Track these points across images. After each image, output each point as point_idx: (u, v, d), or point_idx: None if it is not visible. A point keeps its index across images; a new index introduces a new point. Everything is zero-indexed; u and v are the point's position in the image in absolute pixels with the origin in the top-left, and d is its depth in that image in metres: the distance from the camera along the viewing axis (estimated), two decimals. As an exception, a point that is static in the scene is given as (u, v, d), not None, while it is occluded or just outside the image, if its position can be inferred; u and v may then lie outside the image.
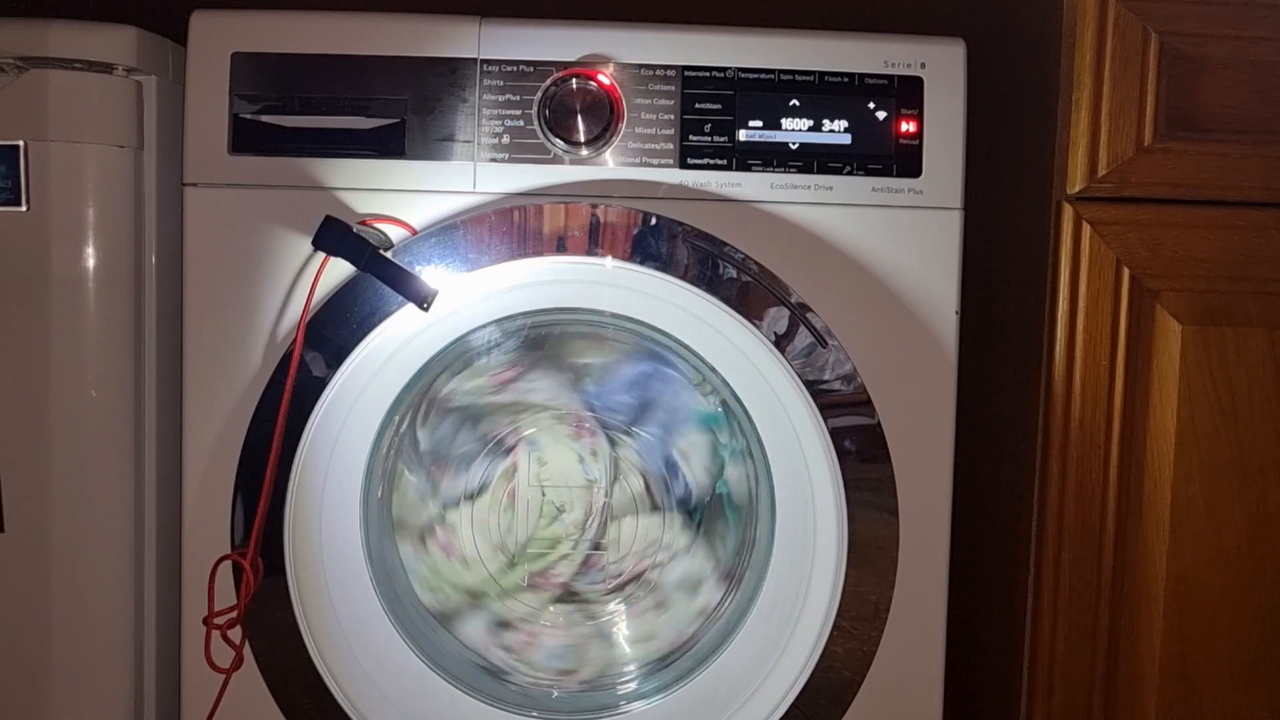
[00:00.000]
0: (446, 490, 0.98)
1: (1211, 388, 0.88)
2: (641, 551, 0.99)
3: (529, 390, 0.98)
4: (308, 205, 0.85)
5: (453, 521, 0.98)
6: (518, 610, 0.99)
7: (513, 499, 0.99)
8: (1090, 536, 0.89)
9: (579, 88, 0.84)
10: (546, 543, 0.99)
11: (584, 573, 1.00)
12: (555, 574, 1.00)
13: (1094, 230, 0.87)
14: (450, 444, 0.98)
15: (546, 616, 1.00)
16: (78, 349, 0.84)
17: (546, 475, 0.99)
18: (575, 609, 1.00)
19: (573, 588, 1.00)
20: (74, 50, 0.82)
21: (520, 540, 0.99)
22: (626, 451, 0.99)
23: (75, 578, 0.85)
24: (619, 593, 1.00)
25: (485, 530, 0.99)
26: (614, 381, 0.98)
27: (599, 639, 1.00)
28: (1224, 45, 0.87)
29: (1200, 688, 0.90)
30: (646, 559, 0.99)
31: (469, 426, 0.98)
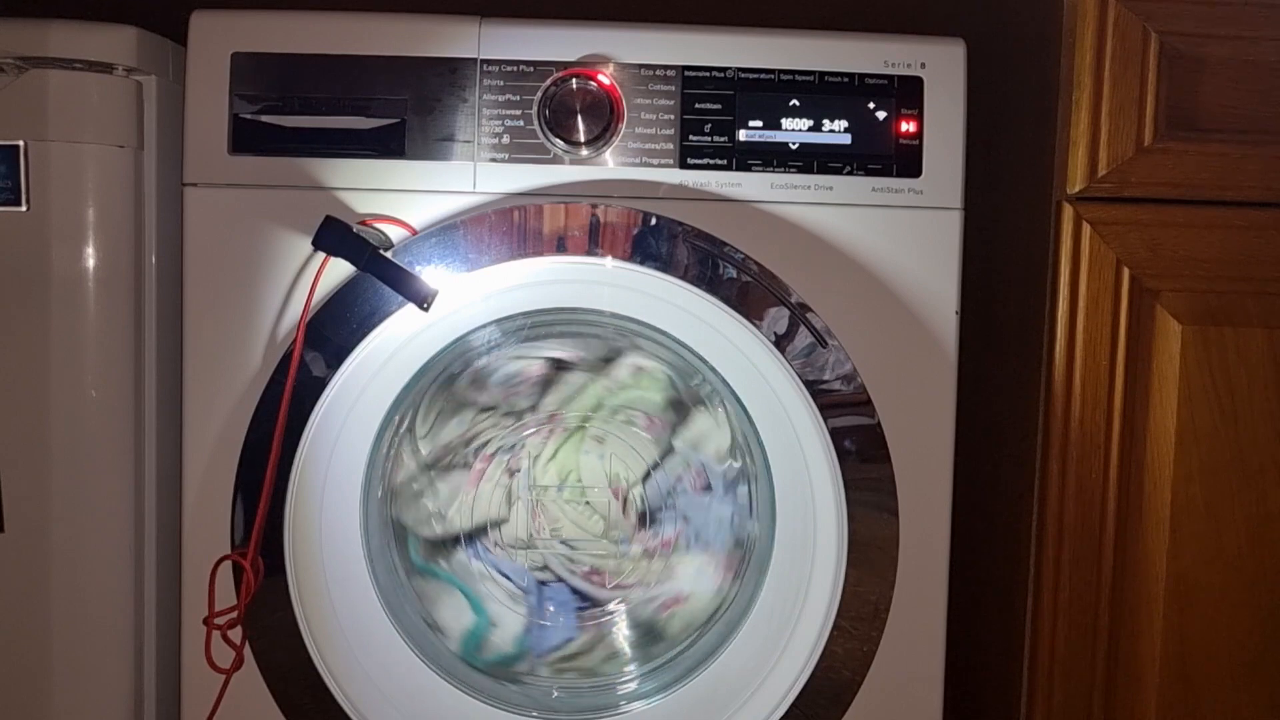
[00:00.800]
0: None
1: (1211, 388, 0.88)
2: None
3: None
4: (308, 205, 0.85)
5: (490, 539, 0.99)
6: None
7: (538, 515, 0.99)
8: (1090, 536, 0.89)
9: (579, 88, 0.84)
10: (596, 541, 1.00)
11: (641, 536, 1.00)
12: (624, 577, 1.00)
13: (1094, 230, 0.87)
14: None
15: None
16: (78, 349, 0.84)
17: (554, 477, 0.99)
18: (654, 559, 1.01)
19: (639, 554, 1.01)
20: (74, 50, 0.82)
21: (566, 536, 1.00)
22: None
23: (75, 578, 0.85)
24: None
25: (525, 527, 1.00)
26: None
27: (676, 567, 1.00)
28: (1224, 45, 0.87)
29: (1200, 688, 0.90)
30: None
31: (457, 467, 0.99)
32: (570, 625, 1.00)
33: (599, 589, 1.01)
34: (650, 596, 1.00)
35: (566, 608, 1.01)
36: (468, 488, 0.99)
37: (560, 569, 1.01)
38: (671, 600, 1.00)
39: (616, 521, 1.00)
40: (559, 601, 1.01)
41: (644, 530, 1.00)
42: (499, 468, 0.99)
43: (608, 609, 1.01)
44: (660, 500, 1.00)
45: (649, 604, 1.00)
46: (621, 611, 1.01)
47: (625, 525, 1.00)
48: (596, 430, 0.99)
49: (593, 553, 1.00)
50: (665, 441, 1.00)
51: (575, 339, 0.97)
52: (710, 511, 1.00)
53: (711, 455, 0.99)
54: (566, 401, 0.98)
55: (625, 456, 0.99)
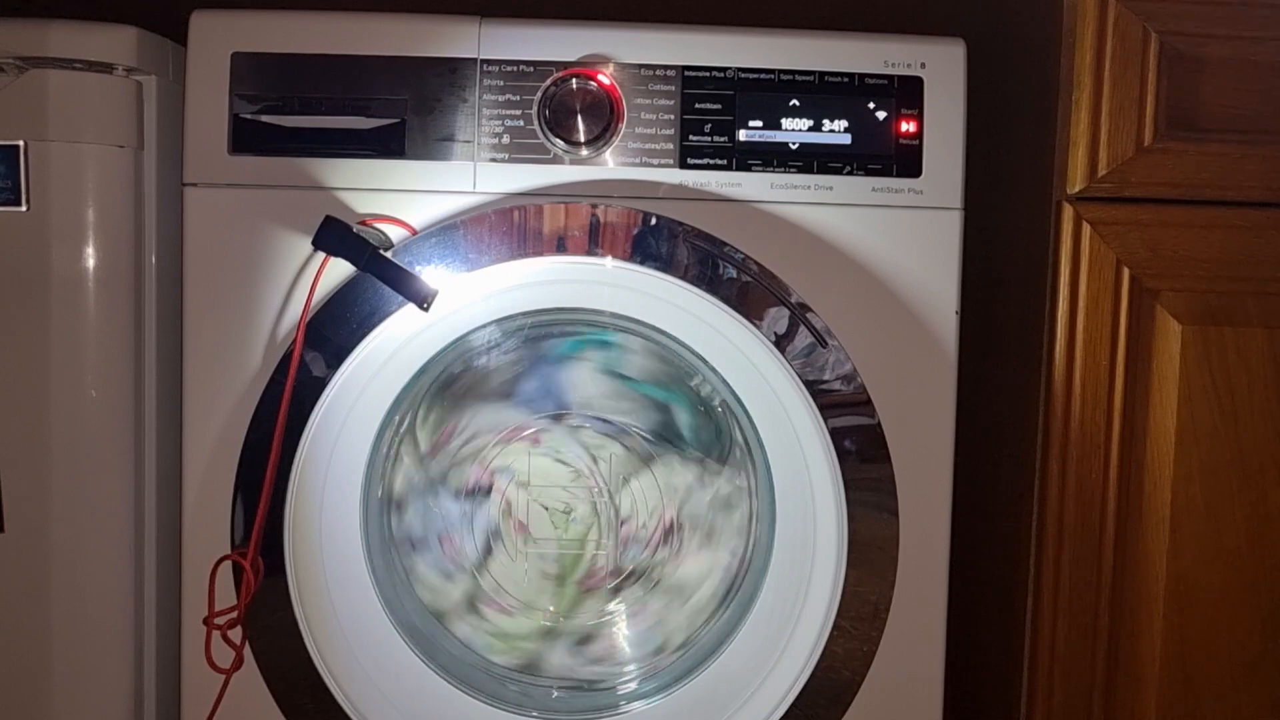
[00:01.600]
0: (461, 559, 0.99)
1: (1211, 388, 0.88)
2: (665, 498, 0.99)
3: (471, 428, 0.98)
4: (308, 205, 0.85)
5: (489, 587, 0.99)
6: (590, 621, 0.99)
7: (519, 531, 0.99)
8: (1090, 536, 0.89)
9: (579, 88, 0.84)
10: (575, 544, 0.99)
11: (625, 549, 1.00)
12: (599, 569, 1.00)
13: (1094, 230, 0.88)
14: (436, 520, 0.98)
15: (618, 611, 1.00)
16: (78, 349, 0.84)
17: (536, 491, 0.99)
18: (638, 587, 1.00)
19: (622, 568, 1.00)
20: (74, 50, 0.82)
21: (554, 558, 0.99)
22: (588, 434, 0.99)
23: (75, 578, 0.85)
24: (666, 544, 0.99)
25: (518, 575, 0.99)
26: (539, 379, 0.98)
27: (674, 599, 0.99)
28: (1224, 45, 0.87)
29: (1200, 688, 0.90)
30: (672, 506, 0.99)
31: (439, 494, 0.98)
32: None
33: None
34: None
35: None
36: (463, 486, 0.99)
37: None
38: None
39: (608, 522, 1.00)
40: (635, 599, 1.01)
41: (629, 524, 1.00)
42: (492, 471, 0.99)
43: (608, 608, 1.01)
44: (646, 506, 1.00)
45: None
46: (621, 611, 1.01)
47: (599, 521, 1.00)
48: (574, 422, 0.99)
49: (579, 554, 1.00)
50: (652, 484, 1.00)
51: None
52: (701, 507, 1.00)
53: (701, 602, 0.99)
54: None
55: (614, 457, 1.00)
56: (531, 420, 0.98)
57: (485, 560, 0.99)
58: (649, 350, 0.97)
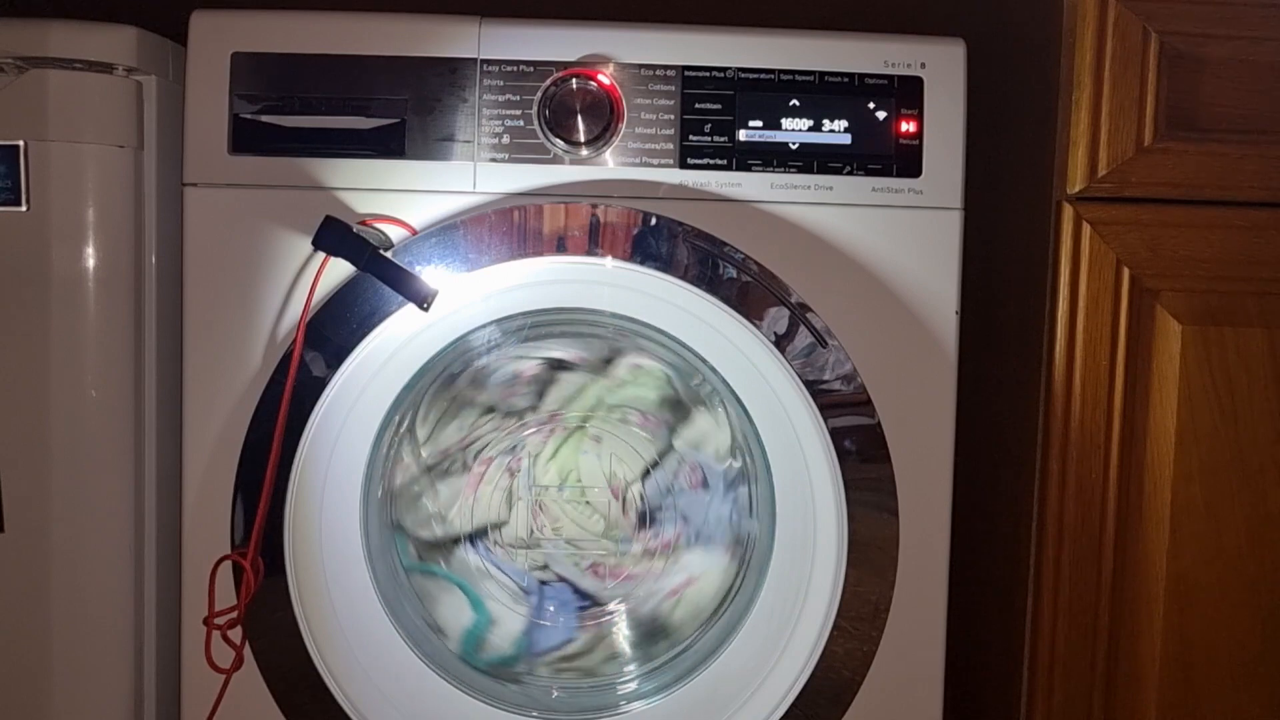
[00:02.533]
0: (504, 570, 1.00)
1: (1211, 388, 0.88)
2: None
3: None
4: (308, 205, 0.85)
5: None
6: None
7: (536, 518, 0.99)
8: (1090, 536, 0.89)
9: (579, 88, 0.84)
10: (597, 540, 1.00)
11: (641, 535, 1.00)
12: (621, 569, 1.01)
13: (1094, 230, 0.87)
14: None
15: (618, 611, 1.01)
16: (78, 349, 0.84)
17: (554, 477, 0.99)
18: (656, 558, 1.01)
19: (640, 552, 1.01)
20: (74, 50, 0.82)
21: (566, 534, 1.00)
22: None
23: (75, 578, 0.85)
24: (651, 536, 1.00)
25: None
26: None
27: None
28: (1224, 45, 0.87)
29: (1200, 688, 0.90)
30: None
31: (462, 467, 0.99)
32: (570, 625, 1.00)
33: (601, 588, 1.01)
34: (653, 591, 1.00)
35: (567, 608, 1.01)
36: (467, 491, 0.99)
37: (562, 568, 1.01)
38: (679, 586, 0.99)
39: (616, 520, 1.00)
40: (560, 601, 1.01)
41: (644, 530, 1.00)
42: (499, 470, 0.99)
43: (608, 609, 1.01)
44: (659, 499, 1.00)
45: (651, 598, 1.00)
46: (622, 611, 1.01)
47: (625, 525, 1.00)
48: (596, 430, 0.99)
49: (594, 551, 1.00)
50: (664, 440, 1.00)
51: (576, 339, 0.97)
52: (709, 509, 1.00)
53: (711, 455, 0.99)
54: (567, 401, 0.99)
55: (624, 455, 0.99)
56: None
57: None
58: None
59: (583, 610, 1.01)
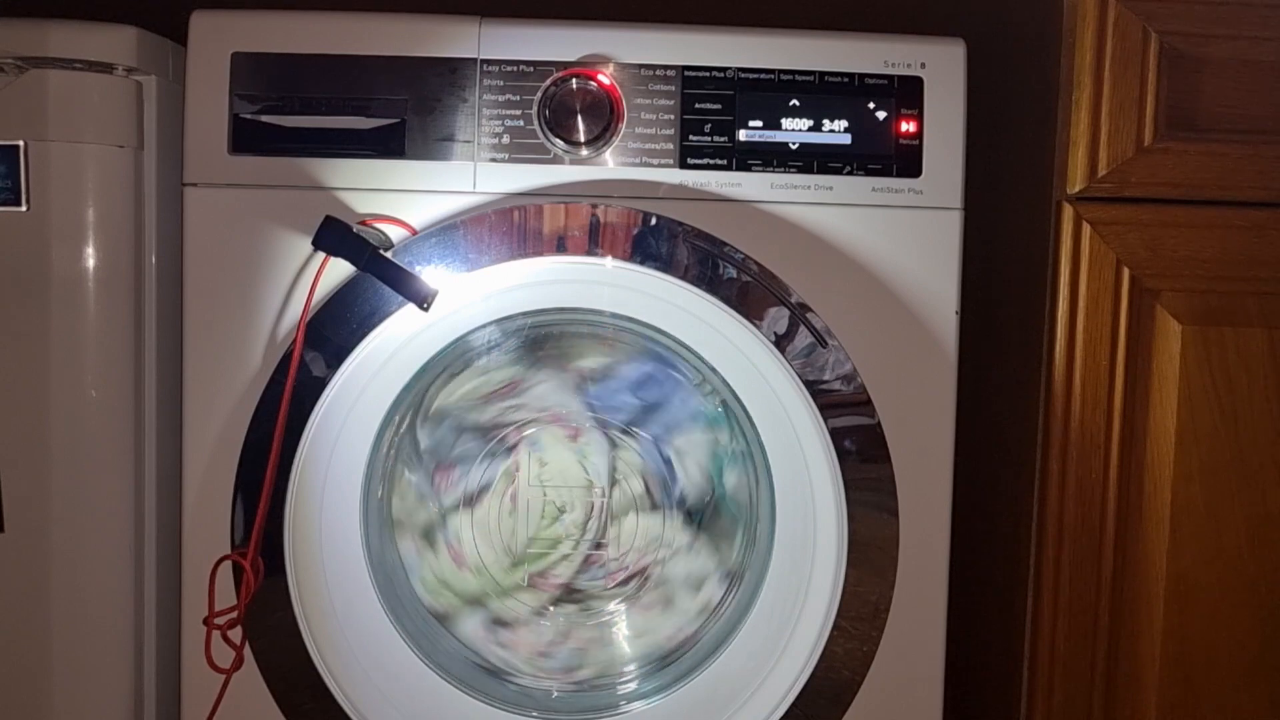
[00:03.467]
0: (448, 492, 0.98)
1: (1211, 388, 0.88)
2: (643, 549, 0.99)
3: (530, 391, 0.98)
4: (308, 205, 0.85)
5: (455, 527, 0.98)
6: (516, 610, 0.99)
7: (514, 501, 0.99)
8: (1090, 536, 0.89)
9: (579, 88, 0.84)
10: (547, 543, 0.99)
11: (585, 570, 1.00)
12: (555, 575, 1.00)
13: (1094, 230, 0.88)
14: (451, 445, 0.98)
15: (548, 617, 1.00)
16: (78, 349, 0.84)
17: (547, 476, 0.99)
18: (577, 609, 1.00)
19: (574, 586, 1.00)
20: (74, 50, 0.82)
21: (523, 541, 0.99)
22: (627, 453, 0.99)
23: (75, 578, 0.85)
24: (622, 588, 1.00)
25: (488, 532, 0.99)
26: (616, 382, 0.98)
27: (600, 640, 1.00)
28: (1224, 45, 0.87)
29: (1200, 688, 0.90)
30: (648, 556, 0.99)
31: (470, 427, 0.98)
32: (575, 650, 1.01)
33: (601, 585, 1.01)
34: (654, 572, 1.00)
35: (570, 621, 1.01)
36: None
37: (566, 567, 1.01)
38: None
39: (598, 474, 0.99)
40: (567, 617, 1.01)
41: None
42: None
43: (609, 607, 1.01)
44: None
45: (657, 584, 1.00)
46: (622, 611, 1.01)
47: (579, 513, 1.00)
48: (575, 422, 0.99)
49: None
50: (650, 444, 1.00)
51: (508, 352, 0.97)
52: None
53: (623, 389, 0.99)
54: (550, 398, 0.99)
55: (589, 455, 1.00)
56: (582, 414, 0.98)
57: (464, 505, 0.99)
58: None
59: (585, 616, 1.01)
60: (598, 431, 0.99)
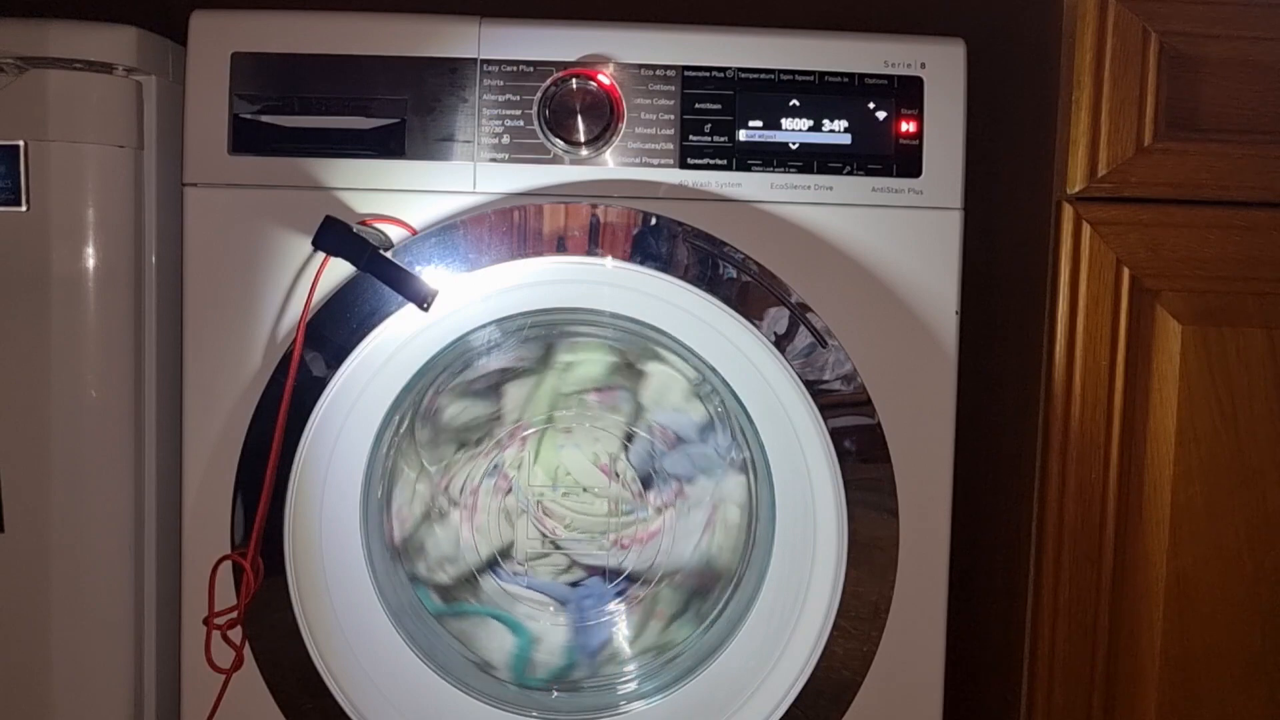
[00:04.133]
0: (448, 492, 0.99)
1: (1211, 388, 0.88)
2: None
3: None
4: (308, 205, 0.85)
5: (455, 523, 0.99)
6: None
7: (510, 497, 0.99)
8: (1090, 536, 0.89)
9: (579, 88, 0.84)
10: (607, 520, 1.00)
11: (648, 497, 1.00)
12: (644, 531, 1.00)
13: (1094, 230, 0.87)
14: (450, 444, 0.99)
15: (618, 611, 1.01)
16: (78, 349, 0.84)
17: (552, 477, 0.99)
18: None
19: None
20: (74, 50, 0.82)
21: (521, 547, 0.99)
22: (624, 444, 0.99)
23: (75, 578, 0.85)
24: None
25: (486, 531, 0.99)
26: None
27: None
28: (1224, 45, 0.87)
29: (1200, 687, 0.90)
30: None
31: (469, 426, 0.99)
32: (612, 613, 1.00)
33: (632, 558, 1.00)
34: (687, 531, 0.99)
35: (605, 597, 1.00)
36: (464, 527, 0.99)
37: (589, 559, 1.00)
38: (709, 515, 0.99)
39: (618, 495, 0.99)
40: (596, 595, 1.00)
41: (649, 491, 1.00)
42: (489, 495, 0.99)
43: (645, 581, 1.00)
44: (649, 461, 0.99)
45: (689, 537, 0.99)
46: (622, 611, 1.01)
47: (628, 494, 0.99)
48: (563, 423, 0.99)
49: (612, 528, 0.99)
50: (631, 405, 0.99)
51: (513, 348, 0.97)
52: (695, 453, 0.99)
53: (673, 406, 0.98)
54: (525, 405, 0.98)
55: (598, 435, 0.99)
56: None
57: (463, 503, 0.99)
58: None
59: (621, 594, 1.00)
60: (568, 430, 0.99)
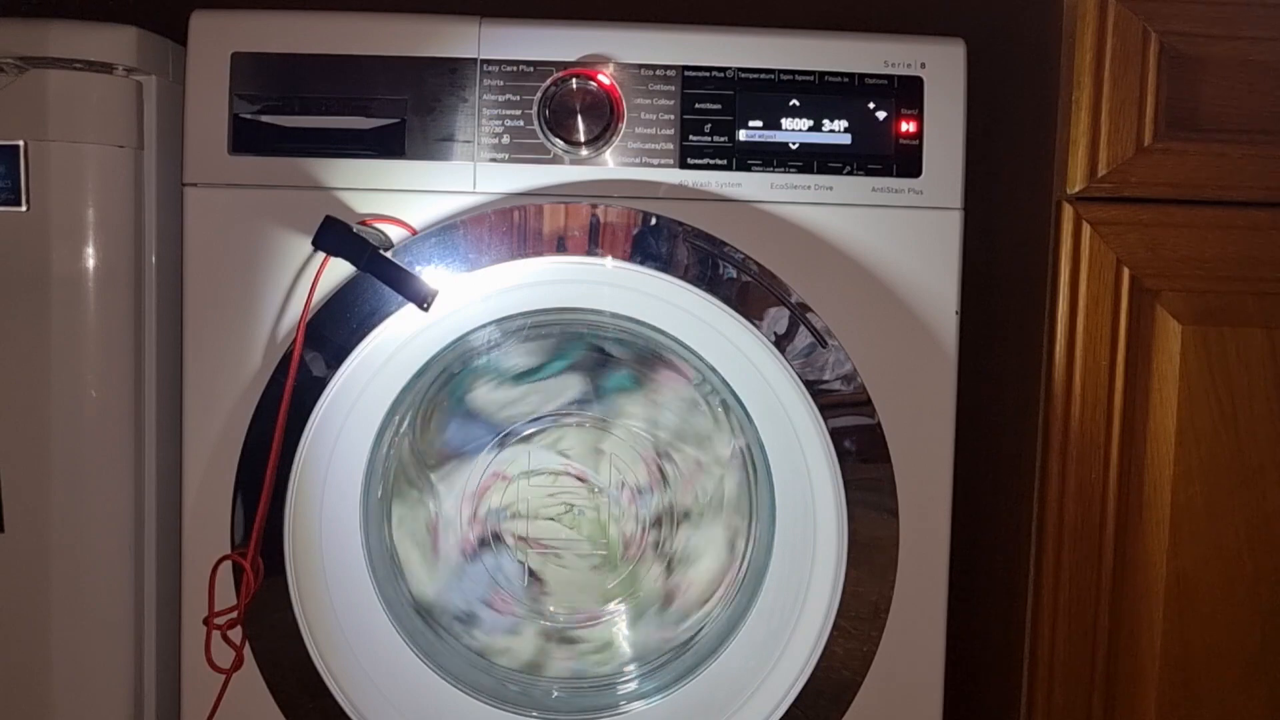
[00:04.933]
0: (447, 491, 0.99)
1: (1211, 388, 0.88)
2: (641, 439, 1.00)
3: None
4: (308, 205, 0.85)
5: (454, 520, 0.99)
6: (657, 583, 1.00)
7: (540, 546, 0.99)
8: (1090, 536, 0.89)
9: (579, 88, 0.84)
10: (598, 530, 0.99)
11: (639, 502, 1.00)
12: (631, 536, 0.99)
13: (1094, 230, 0.88)
14: (449, 443, 0.99)
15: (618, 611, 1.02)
16: (78, 349, 0.84)
17: (534, 511, 0.99)
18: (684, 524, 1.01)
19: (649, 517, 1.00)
20: (74, 50, 0.82)
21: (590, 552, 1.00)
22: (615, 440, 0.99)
23: (75, 578, 0.85)
24: (664, 480, 1.00)
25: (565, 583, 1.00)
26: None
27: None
28: (1224, 45, 0.87)
29: (1200, 687, 0.90)
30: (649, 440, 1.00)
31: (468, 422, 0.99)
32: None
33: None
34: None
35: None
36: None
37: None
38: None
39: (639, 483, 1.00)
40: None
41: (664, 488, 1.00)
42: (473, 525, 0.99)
43: (608, 608, 1.01)
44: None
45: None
46: (622, 611, 1.01)
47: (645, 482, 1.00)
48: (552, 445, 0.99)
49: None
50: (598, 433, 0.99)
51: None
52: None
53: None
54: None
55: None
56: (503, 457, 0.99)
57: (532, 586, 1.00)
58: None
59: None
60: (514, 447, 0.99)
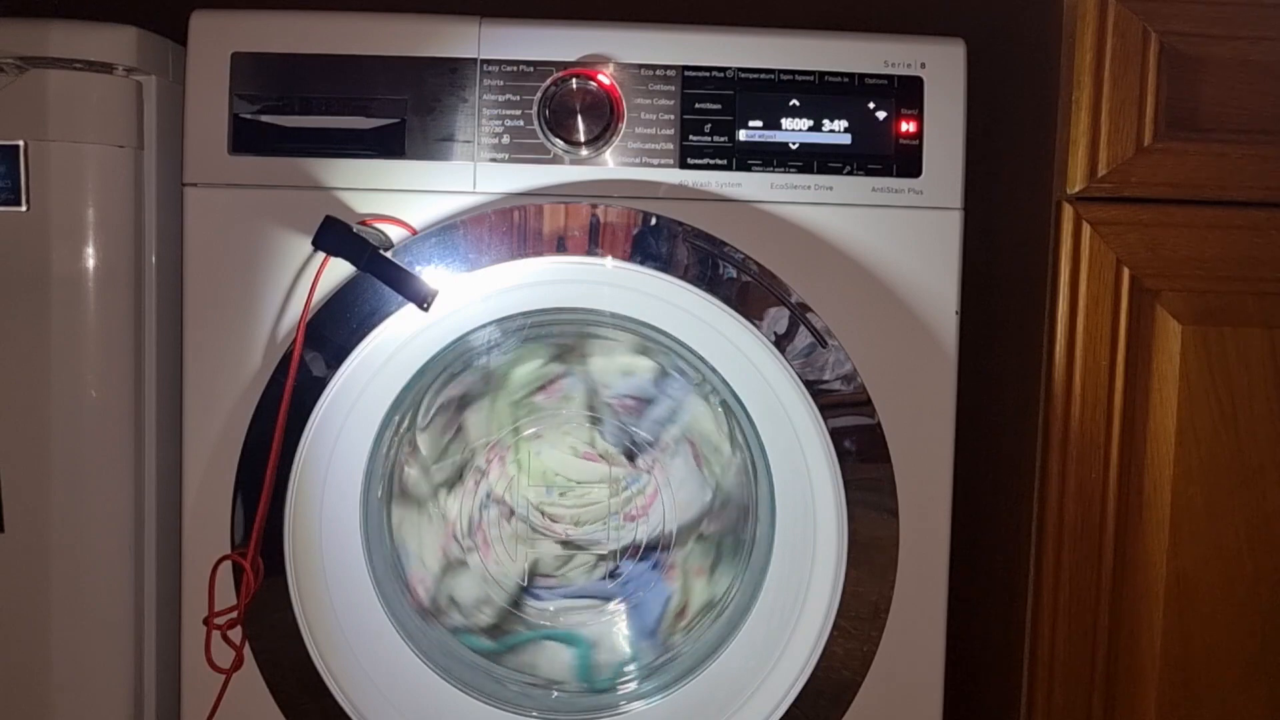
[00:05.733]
0: (447, 491, 0.99)
1: (1211, 388, 0.88)
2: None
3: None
4: (308, 205, 0.85)
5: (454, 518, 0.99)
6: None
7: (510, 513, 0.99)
8: (1090, 536, 0.89)
9: (579, 88, 0.84)
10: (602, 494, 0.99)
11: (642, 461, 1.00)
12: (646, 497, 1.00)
13: (1094, 230, 0.88)
14: (449, 443, 0.99)
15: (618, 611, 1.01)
16: (78, 349, 0.84)
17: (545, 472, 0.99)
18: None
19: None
20: (74, 50, 0.82)
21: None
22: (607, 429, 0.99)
23: (75, 578, 0.85)
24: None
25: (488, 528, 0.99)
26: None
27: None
28: (1224, 45, 0.87)
29: (1200, 687, 0.91)
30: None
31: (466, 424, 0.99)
32: (659, 582, 1.00)
33: (650, 528, 1.00)
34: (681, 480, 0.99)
35: (646, 575, 1.00)
36: (486, 563, 0.99)
37: (602, 546, 1.00)
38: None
39: (614, 475, 0.99)
40: (635, 576, 1.00)
41: (639, 458, 0.99)
42: (496, 526, 0.99)
43: (676, 544, 1.00)
44: (624, 436, 0.99)
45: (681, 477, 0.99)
46: (622, 611, 1.01)
47: (622, 468, 0.99)
48: (529, 430, 0.99)
49: (614, 506, 0.99)
50: (583, 387, 0.98)
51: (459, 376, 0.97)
52: (663, 411, 0.99)
53: (625, 364, 0.98)
54: (485, 429, 0.98)
55: (568, 428, 0.99)
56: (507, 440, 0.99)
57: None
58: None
59: (657, 567, 1.00)
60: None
